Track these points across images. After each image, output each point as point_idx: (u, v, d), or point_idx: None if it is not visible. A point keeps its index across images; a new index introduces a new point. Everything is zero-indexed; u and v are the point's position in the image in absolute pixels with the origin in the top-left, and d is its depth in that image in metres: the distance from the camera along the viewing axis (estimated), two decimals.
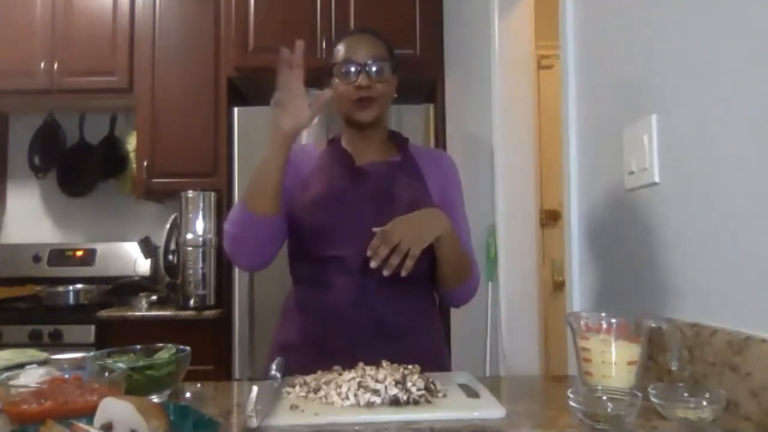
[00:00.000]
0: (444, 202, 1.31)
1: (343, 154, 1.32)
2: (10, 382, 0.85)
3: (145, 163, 2.92)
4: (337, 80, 1.28)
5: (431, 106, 2.78)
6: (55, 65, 2.97)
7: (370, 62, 1.25)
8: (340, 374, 0.96)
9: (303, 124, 1.15)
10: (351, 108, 1.28)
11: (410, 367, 0.98)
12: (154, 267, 3.17)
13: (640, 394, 0.81)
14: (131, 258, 3.18)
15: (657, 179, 1.09)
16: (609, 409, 0.79)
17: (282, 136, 1.14)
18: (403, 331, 1.23)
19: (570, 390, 0.81)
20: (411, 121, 2.69)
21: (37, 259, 3.18)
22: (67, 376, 0.90)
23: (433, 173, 1.34)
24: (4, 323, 2.64)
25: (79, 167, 3.28)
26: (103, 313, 2.69)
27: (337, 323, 1.21)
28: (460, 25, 2.67)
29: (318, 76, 1.38)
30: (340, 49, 1.29)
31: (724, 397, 0.80)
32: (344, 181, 1.28)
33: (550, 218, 3.00)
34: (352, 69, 1.26)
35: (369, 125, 1.30)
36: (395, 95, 1.34)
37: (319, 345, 1.21)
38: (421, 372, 0.97)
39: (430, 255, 1.26)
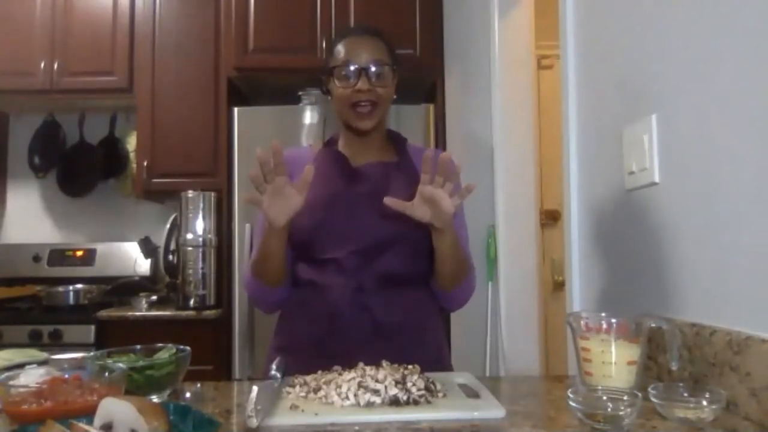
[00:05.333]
0: None
1: (338, 156, 1.32)
2: (10, 382, 0.85)
3: (145, 163, 2.92)
4: (336, 82, 1.26)
5: (431, 106, 2.78)
6: (55, 65, 2.97)
7: (370, 65, 1.23)
8: (340, 374, 0.96)
9: (296, 209, 1.11)
10: (350, 114, 1.26)
11: (410, 367, 0.98)
12: (154, 267, 3.17)
13: (640, 394, 0.81)
14: (131, 258, 3.18)
15: (657, 179, 1.09)
16: (609, 409, 0.79)
17: (278, 227, 1.12)
18: (401, 331, 1.22)
19: (570, 390, 0.81)
20: (411, 121, 2.69)
21: (37, 259, 3.18)
22: (67, 376, 0.90)
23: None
24: (4, 323, 2.64)
25: (79, 167, 3.28)
26: (103, 313, 2.69)
27: (335, 325, 1.21)
28: (460, 25, 2.67)
29: (317, 76, 1.38)
30: (341, 50, 1.27)
31: (724, 397, 0.80)
32: (339, 182, 1.28)
33: (550, 218, 3.00)
34: (352, 72, 1.24)
35: (367, 132, 1.29)
36: (394, 96, 1.33)
37: (318, 346, 1.21)
38: (421, 372, 0.97)
39: (429, 255, 1.26)
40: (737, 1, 0.90)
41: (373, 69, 1.24)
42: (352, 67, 1.24)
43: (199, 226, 2.79)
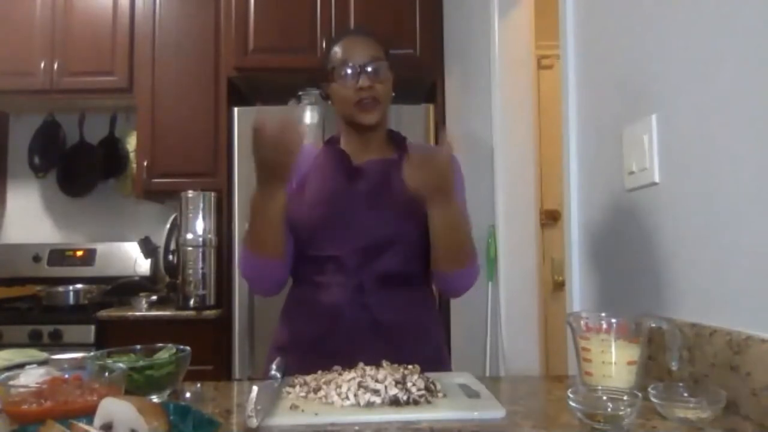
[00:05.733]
0: None
1: (340, 154, 1.32)
2: (10, 382, 0.85)
3: (145, 163, 2.92)
4: (335, 84, 1.27)
5: (431, 106, 2.77)
6: (55, 65, 2.97)
7: (368, 63, 1.25)
8: (340, 374, 0.96)
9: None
10: (354, 111, 1.27)
11: (410, 367, 0.98)
12: (154, 267, 3.17)
13: (640, 394, 0.81)
14: (131, 258, 3.18)
15: (657, 179, 1.09)
16: (609, 409, 0.78)
17: (291, 160, 1.13)
18: (401, 331, 1.23)
19: (570, 390, 0.81)
20: (411, 121, 2.68)
21: (37, 259, 3.18)
22: (67, 376, 0.90)
23: None
24: (4, 323, 2.64)
25: (79, 167, 3.28)
26: (103, 313, 2.69)
27: (335, 323, 1.21)
28: (460, 25, 2.67)
29: (316, 77, 1.38)
30: (337, 52, 1.28)
31: (724, 397, 0.80)
32: (340, 180, 1.28)
33: (550, 218, 3.00)
34: (351, 71, 1.25)
35: (372, 127, 1.30)
36: (393, 94, 1.34)
37: (318, 345, 1.21)
38: (421, 372, 0.97)
39: (429, 255, 1.26)
40: (737, 1, 0.90)
41: (370, 67, 1.25)
42: (350, 67, 1.25)
43: (199, 226, 2.79)
